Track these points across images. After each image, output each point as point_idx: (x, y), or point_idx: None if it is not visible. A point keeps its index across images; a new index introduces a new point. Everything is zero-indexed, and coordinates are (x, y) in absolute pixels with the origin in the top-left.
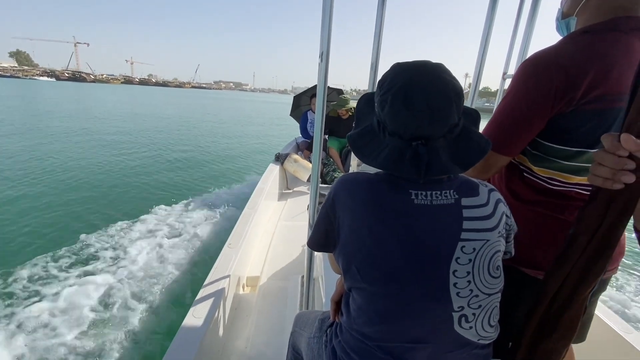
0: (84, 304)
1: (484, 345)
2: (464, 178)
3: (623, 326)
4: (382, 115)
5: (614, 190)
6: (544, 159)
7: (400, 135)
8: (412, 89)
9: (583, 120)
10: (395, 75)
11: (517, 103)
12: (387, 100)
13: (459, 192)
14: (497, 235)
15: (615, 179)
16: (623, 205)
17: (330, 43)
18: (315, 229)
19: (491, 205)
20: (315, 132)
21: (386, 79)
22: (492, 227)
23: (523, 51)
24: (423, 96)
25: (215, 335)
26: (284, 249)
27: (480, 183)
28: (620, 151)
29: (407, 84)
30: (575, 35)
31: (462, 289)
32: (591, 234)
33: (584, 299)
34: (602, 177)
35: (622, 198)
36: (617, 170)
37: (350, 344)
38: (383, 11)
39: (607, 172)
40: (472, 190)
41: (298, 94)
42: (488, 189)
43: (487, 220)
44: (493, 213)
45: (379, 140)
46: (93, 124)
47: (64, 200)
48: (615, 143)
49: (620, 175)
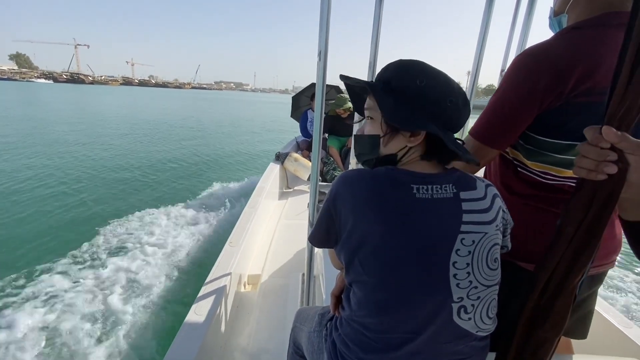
0: (85, 303)
1: (482, 337)
2: (460, 173)
3: (623, 321)
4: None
5: (598, 182)
6: (537, 153)
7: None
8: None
9: (573, 113)
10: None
11: (508, 97)
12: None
13: (457, 186)
14: (495, 228)
15: (599, 170)
16: (607, 195)
17: (329, 42)
18: (317, 225)
19: (488, 200)
20: (314, 131)
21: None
22: (490, 220)
23: (521, 47)
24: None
25: (217, 332)
26: (285, 247)
27: (477, 178)
28: (602, 143)
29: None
30: (566, 31)
31: (461, 280)
32: (577, 225)
33: (573, 288)
34: (586, 168)
35: (606, 189)
36: (599, 161)
37: (350, 336)
38: (381, 9)
39: (590, 163)
40: (469, 185)
41: (296, 94)
42: (485, 184)
43: (485, 214)
44: (490, 207)
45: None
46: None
47: (64, 199)
48: (597, 135)
49: (603, 167)
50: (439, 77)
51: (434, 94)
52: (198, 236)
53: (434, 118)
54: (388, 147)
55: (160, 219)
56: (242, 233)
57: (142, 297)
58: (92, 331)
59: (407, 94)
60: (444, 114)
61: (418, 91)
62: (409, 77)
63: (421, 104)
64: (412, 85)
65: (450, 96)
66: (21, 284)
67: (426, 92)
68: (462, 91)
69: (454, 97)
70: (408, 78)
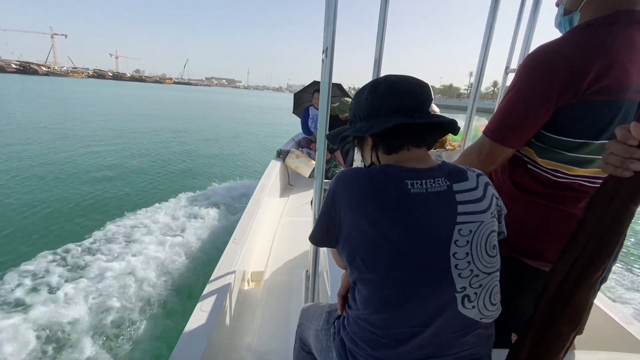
0: (90, 302)
1: (487, 325)
2: (451, 165)
3: (625, 317)
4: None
5: (622, 179)
6: (549, 150)
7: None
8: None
9: (587, 111)
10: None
11: (523, 95)
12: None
13: (449, 178)
14: (490, 216)
15: (625, 167)
16: (630, 192)
17: (335, 39)
18: (317, 225)
19: (481, 189)
20: (318, 129)
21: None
22: (485, 209)
23: (526, 46)
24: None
25: (222, 329)
26: (287, 244)
27: (468, 169)
28: (630, 140)
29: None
30: (579, 28)
31: (462, 269)
32: (599, 220)
33: (593, 284)
34: (613, 165)
35: (630, 185)
36: (626, 158)
37: (358, 335)
38: (386, 8)
39: (617, 160)
40: (461, 176)
41: (298, 91)
42: (476, 174)
43: (479, 203)
44: (484, 196)
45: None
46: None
47: (67, 195)
48: (625, 133)
49: (629, 163)
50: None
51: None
52: (202, 234)
53: (391, 112)
54: (365, 156)
55: (163, 218)
56: (246, 230)
57: (147, 296)
58: (98, 330)
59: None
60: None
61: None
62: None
63: (367, 112)
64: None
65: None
66: (20, 283)
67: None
68: (390, 78)
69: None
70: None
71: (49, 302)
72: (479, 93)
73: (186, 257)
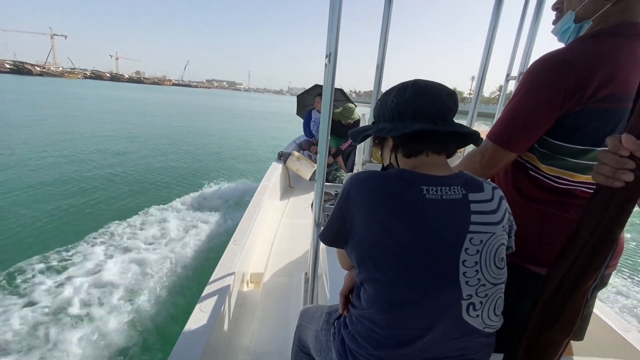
0: (90, 302)
1: (489, 334)
2: (468, 175)
3: (622, 325)
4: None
5: (615, 188)
6: (552, 156)
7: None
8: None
9: (591, 118)
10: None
11: (528, 101)
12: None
13: (465, 188)
14: (502, 229)
15: (616, 177)
16: (622, 202)
17: (339, 44)
18: (329, 224)
19: (496, 201)
20: (320, 133)
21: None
22: (497, 221)
23: (526, 54)
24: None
25: (221, 330)
26: (287, 246)
27: (484, 181)
28: (621, 151)
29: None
30: (584, 38)
31: (470, 277)
32: (592, 229)
33: (585, 292)
34: (604, 175)
35: (622, 196)
36: (617, 169)
37: (361, 333)
38: (389, 13)
39: (608, 170)
40: (477, 187)
41: (301, 93)
42: (492, 187)
43: (492, 215)
44: (498, 208)
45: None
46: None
47: (65, 199)
48: (617, 143)
49: (621, 174)
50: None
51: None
52: (202, 235)
53: (416, 116)
54: (384, 156)
55: (164, 219)
56: (246, 232)
57: (146, 296)
58: (97, 330)
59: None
60: (421, 110)
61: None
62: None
63: (392, 114)
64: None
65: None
66: (18, 283)
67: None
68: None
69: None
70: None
71: (48, 302)
72: (481, 98)
73: (186, 257)
